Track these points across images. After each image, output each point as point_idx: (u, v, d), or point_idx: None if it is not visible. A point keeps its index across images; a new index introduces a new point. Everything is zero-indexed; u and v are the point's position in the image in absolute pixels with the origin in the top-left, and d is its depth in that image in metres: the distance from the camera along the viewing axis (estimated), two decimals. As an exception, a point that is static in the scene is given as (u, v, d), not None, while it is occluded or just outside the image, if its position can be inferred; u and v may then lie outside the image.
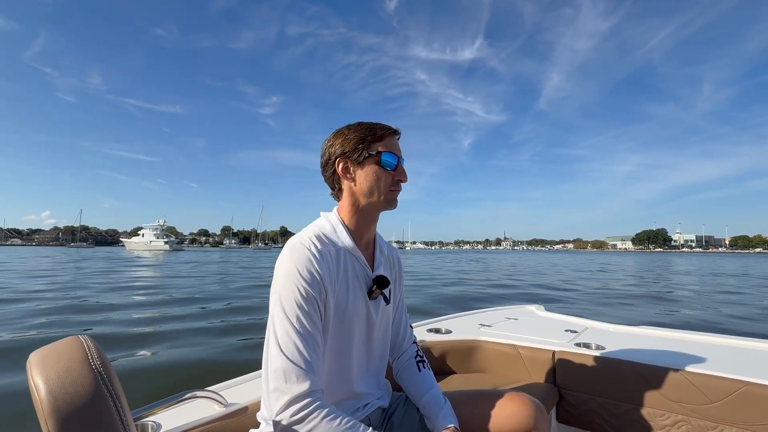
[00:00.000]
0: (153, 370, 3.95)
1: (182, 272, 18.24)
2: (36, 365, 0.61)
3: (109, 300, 8.75)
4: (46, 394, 0.58)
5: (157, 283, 13.16)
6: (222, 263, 27.58)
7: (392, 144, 0.98)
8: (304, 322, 0.83)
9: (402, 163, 1.00)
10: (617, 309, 8.48)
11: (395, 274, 1.13)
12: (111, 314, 6.93)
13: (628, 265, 32.98)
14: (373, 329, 1.01)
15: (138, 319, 6.63)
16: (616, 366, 1.45)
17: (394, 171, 0.97)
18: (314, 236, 0.93)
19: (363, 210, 0.99)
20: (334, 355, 0.93)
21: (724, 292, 12.24)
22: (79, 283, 12.56)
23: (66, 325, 5.98)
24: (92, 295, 9.49)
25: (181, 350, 4.60)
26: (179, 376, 3.73)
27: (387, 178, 0.96)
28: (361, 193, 0.97)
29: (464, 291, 11.45)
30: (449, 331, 1.93)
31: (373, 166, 0.96)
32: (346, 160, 0.97)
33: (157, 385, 3.47)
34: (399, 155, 0.98)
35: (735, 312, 8.20)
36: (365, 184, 0.96)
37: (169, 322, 6.23)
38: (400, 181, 0.98)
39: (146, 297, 9.55)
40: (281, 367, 0.80)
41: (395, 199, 0.99)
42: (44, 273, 16.36)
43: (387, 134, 0.97)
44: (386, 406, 1.08)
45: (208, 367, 4.00)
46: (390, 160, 0.96)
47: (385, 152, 0.96)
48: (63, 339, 0.68)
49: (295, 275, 0.86)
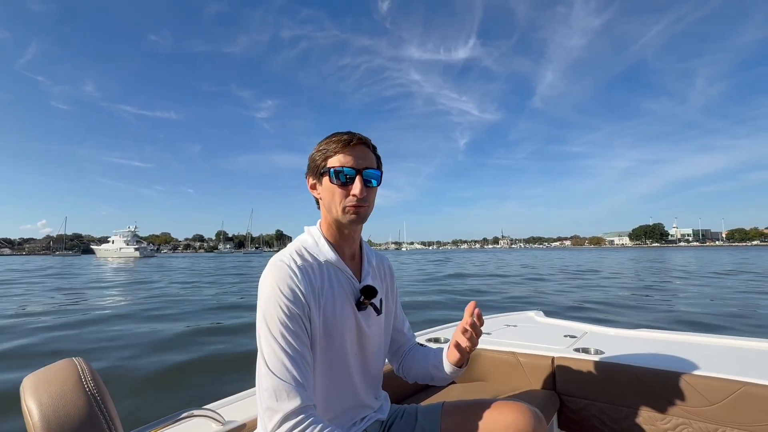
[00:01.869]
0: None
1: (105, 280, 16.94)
2: (29, 389, 0.61)
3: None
4: (39, 419, 0.57)
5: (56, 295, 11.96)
6: (176, 272, 26.21)
7: (350, 155, 0.94)
8: (290, 340, 0.83)
9: (366, 174, 0.94)
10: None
11: (386, 284, 1.12)
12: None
13: (614, 262, 31.75)
14: (365, 341, 1.00)
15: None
16: (616, 370, 1.44)
17: (350, 185, 0.93)
18: (295, 252, 0.94)
19: (336, 223, 0.98)
20: (327, 369, 0.93)
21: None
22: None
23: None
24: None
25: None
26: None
27: (340, 193, 0.94)
28: (325, 208, 0.98)
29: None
30: (448, 340, 1.89)
31: (328, 181, 0.95)
32: (312, 175, 0.99)
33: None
34: (358, 167, 0.94)
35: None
36: (326, 200, 0.96)
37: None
38: (354, 196, 0.93)
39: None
40: (271, 386, 0.80)
41: (358, 214, 0.95)
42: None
43: (340, 146, 0.94)
44: (384, 419, 1.07)
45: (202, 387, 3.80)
46: (340, 173, 0.93)
47: (334, 167, 0.93)
48: (57, 362, 0.68)
49: (277, 293, 0.86)
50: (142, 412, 3.17)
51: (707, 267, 21.17)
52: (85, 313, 8.11)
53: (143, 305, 9.23)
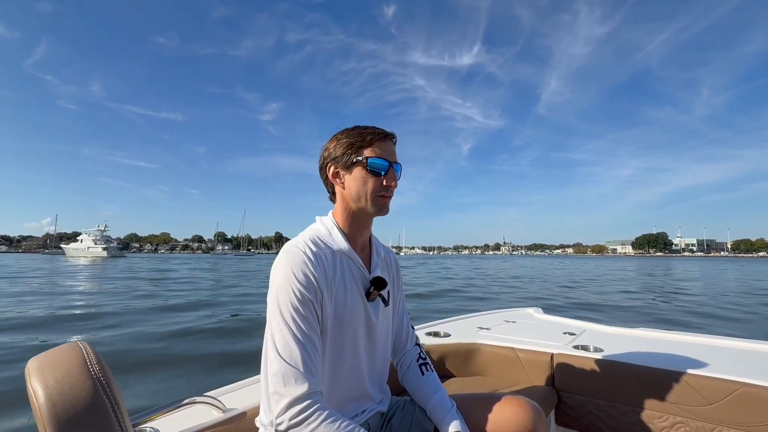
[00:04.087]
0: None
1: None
2: (35, 371, 0.61)
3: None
4: (45, 401, 0.58)
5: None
6: (124, 279, 22.15)
7: (382, 148, 0.97)
8: (301, 326, 0.84)
9: (395, 168, 0.98)
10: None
11: (393, 276, 1.13)
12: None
13: (616, 270, 29.18)
14: (374, 332, 1.01)
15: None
16: (615, 368, 1.46)
17: (382, 176, 0.96)
18: (309, 240, 0.94)
19: (355, 214, 1.00)
20: (336, 358, 0.93)
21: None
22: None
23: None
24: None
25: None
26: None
27: (374, 182, 0.96)
28: (350, 198, 0.98)
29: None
30: (448, 334, 1.93)
31: (361, 171, 0.96)
32: (336, 164, 0.98)
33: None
34: (390, 159, 0.97)
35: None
36: (353, 189, 0.97)
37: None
38: (389, 186, 0.97)
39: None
40: (280, 371, 0.81)
41: (385, 205, 0.98)
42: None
43: (377, 139, 0.96)
44: (385, 411, 1.08)
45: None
46: (377, 164, 0.95)
47: (372, 157, 0.95)
48: (62, 345, 0.68)
49: (291, 278, 0.86)
50: None
51: (746, 282, 18.41)
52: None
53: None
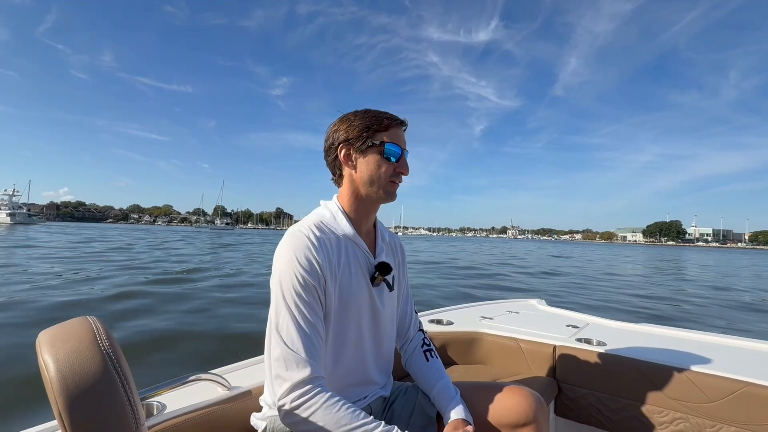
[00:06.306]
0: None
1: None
2: (45, 344, 0.62)
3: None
4: (56, 374, 0.59)
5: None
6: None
7: (397, 135, 0.97)
8: (304, 310, 0.85)
9: (405, 156, 0.99)
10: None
11: (398, 260, 1.12)
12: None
13: (625, 262, 24.91)
14: (379, 317, 1.01)
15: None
16: (617, 362, 1.45)
17: (396, 162, 0.96)
18: (313, 224, 0.93)
19: (362, 199, 0.99)
20: (340, 343, 0.93)
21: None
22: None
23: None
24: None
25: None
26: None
27: (388, 168, 0.96)
28: (361, 182, 0.97)
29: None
30: (450, 322, 1.94)
31: (376, 155, 0.95)
32: (349, 146, 0.97)
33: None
34: (403, 147, 0.98)
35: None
36: (366, 173, 0.96)
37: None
38: (401, 173, 0.98)
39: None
40: (282, 355, 0.82)
41: (394, 192, 0.99)
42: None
43: (393, 125, 0.97)
44: (387, 396, 1.08)
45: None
46: (393, 150, 0.96)
47: (389, 143, 0.95)
48: (71, 319, 0.69)
49: (294, 263, 0.86)
50: None
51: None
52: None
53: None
